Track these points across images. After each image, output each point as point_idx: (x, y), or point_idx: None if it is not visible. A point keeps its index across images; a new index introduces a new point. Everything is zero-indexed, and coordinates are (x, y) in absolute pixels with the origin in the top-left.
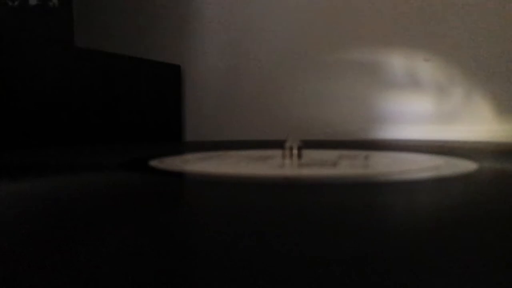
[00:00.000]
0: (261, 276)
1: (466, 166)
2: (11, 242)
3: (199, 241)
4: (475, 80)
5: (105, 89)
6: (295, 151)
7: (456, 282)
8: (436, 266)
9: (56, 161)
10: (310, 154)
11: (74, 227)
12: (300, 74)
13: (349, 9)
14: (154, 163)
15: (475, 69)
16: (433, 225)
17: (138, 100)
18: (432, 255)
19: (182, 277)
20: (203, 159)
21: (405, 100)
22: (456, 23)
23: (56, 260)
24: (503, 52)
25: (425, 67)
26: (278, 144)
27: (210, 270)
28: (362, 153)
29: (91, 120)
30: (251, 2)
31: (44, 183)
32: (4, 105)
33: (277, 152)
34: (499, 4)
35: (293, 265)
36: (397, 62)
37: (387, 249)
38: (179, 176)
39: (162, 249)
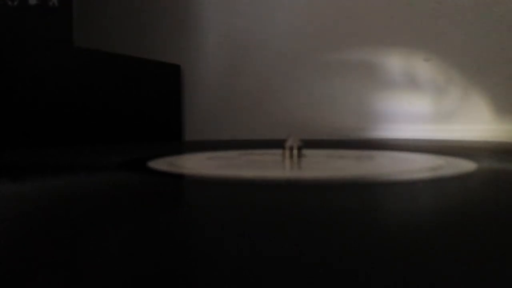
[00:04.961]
0: (261, 277)
1: (466, 166)
2: (11, 242)
3: (199, 241)
4: (474, 79)
5: (105, 89)
6: (295, 151)
7: (456, 282)
8: (436, 266)
9: (56, 161)
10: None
11: (74, 227)
12: (300, 74)
13: (348, 9)
14: (154, 163)
15: (475, 68)
16: (433, 225)
17: (138, 100)
18: (432, 255)
19: (182, 277)
20: (203, 159)
21: (405, 100)
22: (456, 23)
23: (56, 260)
24: (502, 52)
25: (425, 67)
26: (278, 144)
27: (210, 270)
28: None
29: (91, 120)
30: (251, 2)
31: (44, 183)
32: (3, 105)
33: (277, 152)
34: (499, 4)
35: (293, 266)
36: (397, 62)
37: (387, 249)
38: (179, 176)
39: (162, 249)
